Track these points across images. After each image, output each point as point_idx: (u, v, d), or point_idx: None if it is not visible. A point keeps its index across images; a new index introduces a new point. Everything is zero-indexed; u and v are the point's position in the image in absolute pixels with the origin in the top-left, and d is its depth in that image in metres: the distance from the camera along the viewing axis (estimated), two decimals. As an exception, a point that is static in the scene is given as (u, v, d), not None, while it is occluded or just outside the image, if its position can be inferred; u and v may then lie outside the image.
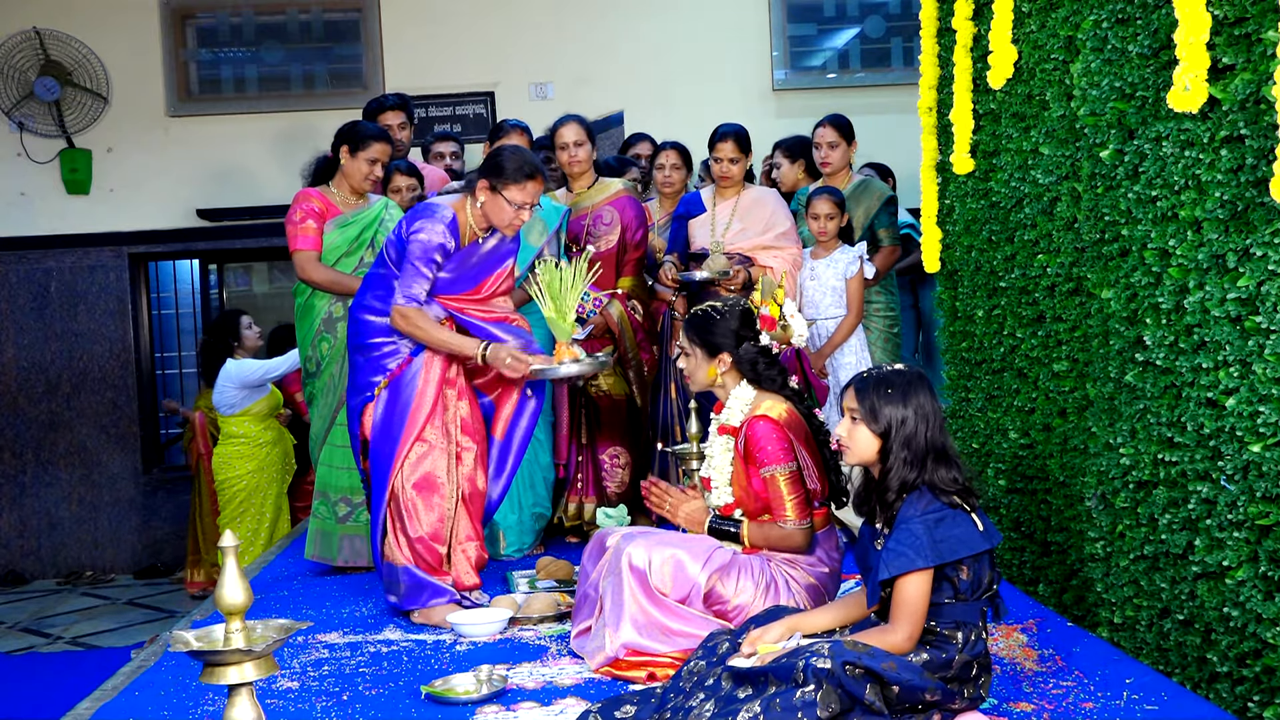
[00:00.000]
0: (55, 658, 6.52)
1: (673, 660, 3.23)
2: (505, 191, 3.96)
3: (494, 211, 4.00)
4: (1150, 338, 3.24)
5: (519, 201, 3.97)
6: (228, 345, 6.89)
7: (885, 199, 5.68)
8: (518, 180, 3.96)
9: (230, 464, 6.85)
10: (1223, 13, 2.82)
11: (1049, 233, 3.97)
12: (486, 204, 4.00)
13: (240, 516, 6.84)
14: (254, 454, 6.81)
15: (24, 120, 8.33)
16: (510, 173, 3.95)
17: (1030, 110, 4.06)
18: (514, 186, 3.96)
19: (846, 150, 5.68)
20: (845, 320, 5.36)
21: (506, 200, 3.96)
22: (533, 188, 3.99)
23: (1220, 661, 3.00)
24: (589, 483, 5.22)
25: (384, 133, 4.89)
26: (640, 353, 5.19)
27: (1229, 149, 2.86)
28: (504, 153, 4.04)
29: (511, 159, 3.98)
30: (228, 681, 2.19)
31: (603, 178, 5.30)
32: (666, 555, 3.37)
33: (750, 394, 3.54)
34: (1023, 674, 3.15)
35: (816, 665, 2.57)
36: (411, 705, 3.15)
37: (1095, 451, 3.61)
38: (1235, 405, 2.88)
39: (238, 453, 6.83)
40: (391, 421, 4.00)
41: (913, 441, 2.80)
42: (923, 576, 2.71)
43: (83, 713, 3.20)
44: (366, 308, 4.09)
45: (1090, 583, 3.71)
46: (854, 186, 5.68)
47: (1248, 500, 2.87)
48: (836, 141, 5.65)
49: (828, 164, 5.68)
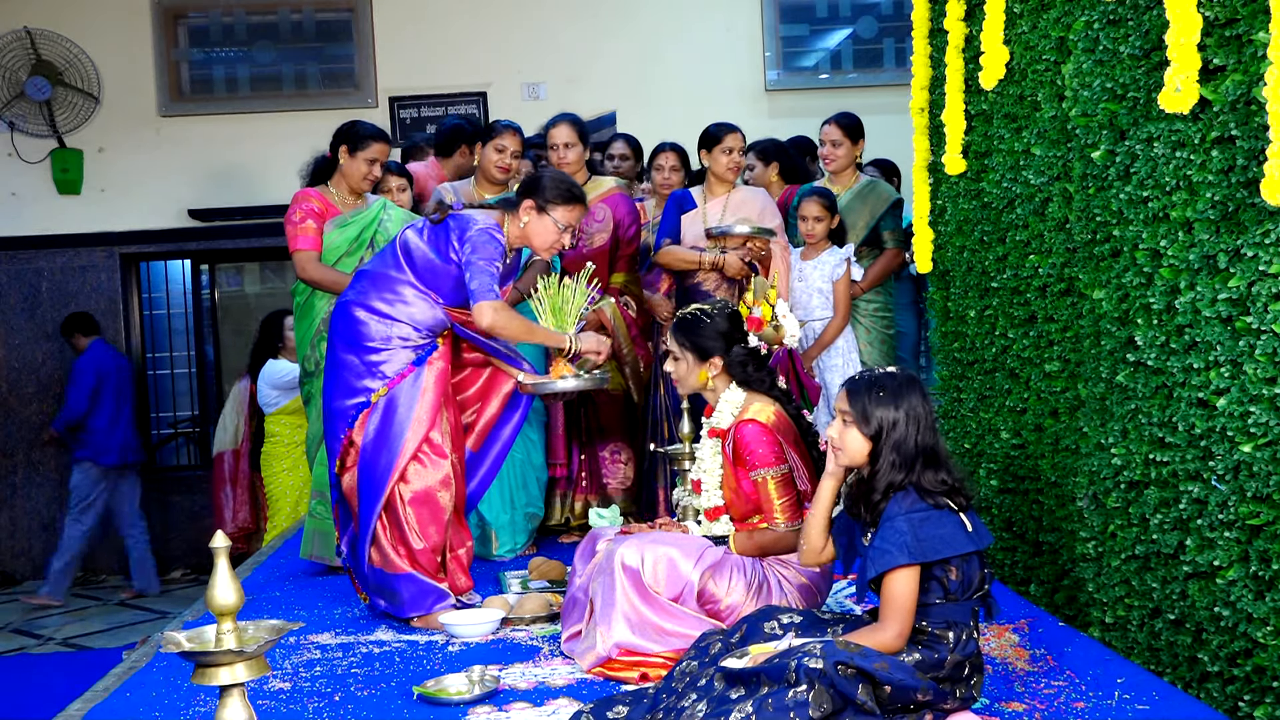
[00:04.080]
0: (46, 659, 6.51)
1: (665, 660, 3.23)
2: (554, 212, 3.94)
3: (539, 232, 3.98)
4: (1142, 338, 3.25)
5: (566, 223, 3.96)
6: (273, 345, 6.93)
7: (892, 201, 5.59)
8: (567, 201, 3.95)
9: (268, 462, 6.93)
10: (1214, 14, 2.83)
11: (1041, 233, 3.97)
12: (531, 224, 3.97)
13: (273, 516, 6.87)
14: (287, 454, 6.84)
15: (15, 120, 8.32)
16: (559, 194, 3.94)
17: (1022, 111, 4.06)
18: (563, 207, 3.94)
19: (851, 149, 5.59)
20: (832, 322, 5.35)
21: (554, 220, 3.94)
22: (578, 210, 3.99)
23: (1211, 661, 3.01)
24: (592, 480, 5.22)
25: (382, 132, 4.86)
26: (635, 349, 5.18)
27: (1220, 150, 2.87)
28: (548, 175, 4.03)
29: (555, 181, 3.98)
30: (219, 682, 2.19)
31: (595, 176, 5.30)
32: (659, 554, 3.37)
33: (740, 397, 3.53)
34: (1014, 674, 3.15)
35: (809, 665, 2.57)
36: (404, 706, 3.15)
37: (1087, 452, 3.62)
38: (1226, 405, 2.89)
39: (273, 452, 6.91)
40: (390, 431, 3.92)
41: (902, 445, 2.80)
42: (909, 574, 2.72)
43: (74, 714, 3.19)
44: (368, 307, 3.97)
45: (1082, 583, 3.72)
46: (860, 187, 5.61)
47: (1239, 500, 2.88)
48: (840, 140, 5.57)
49: (830, 161, 5.64)
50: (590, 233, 5.14)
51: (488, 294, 3.85)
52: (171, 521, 8.59)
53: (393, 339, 3.96)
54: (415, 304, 3.97)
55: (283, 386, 6.73)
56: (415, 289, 3.97)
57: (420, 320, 3.97)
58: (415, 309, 3.97)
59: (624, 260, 5.22)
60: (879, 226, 5.56)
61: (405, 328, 3.96)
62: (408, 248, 4.01)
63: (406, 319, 3.96)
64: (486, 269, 3.87)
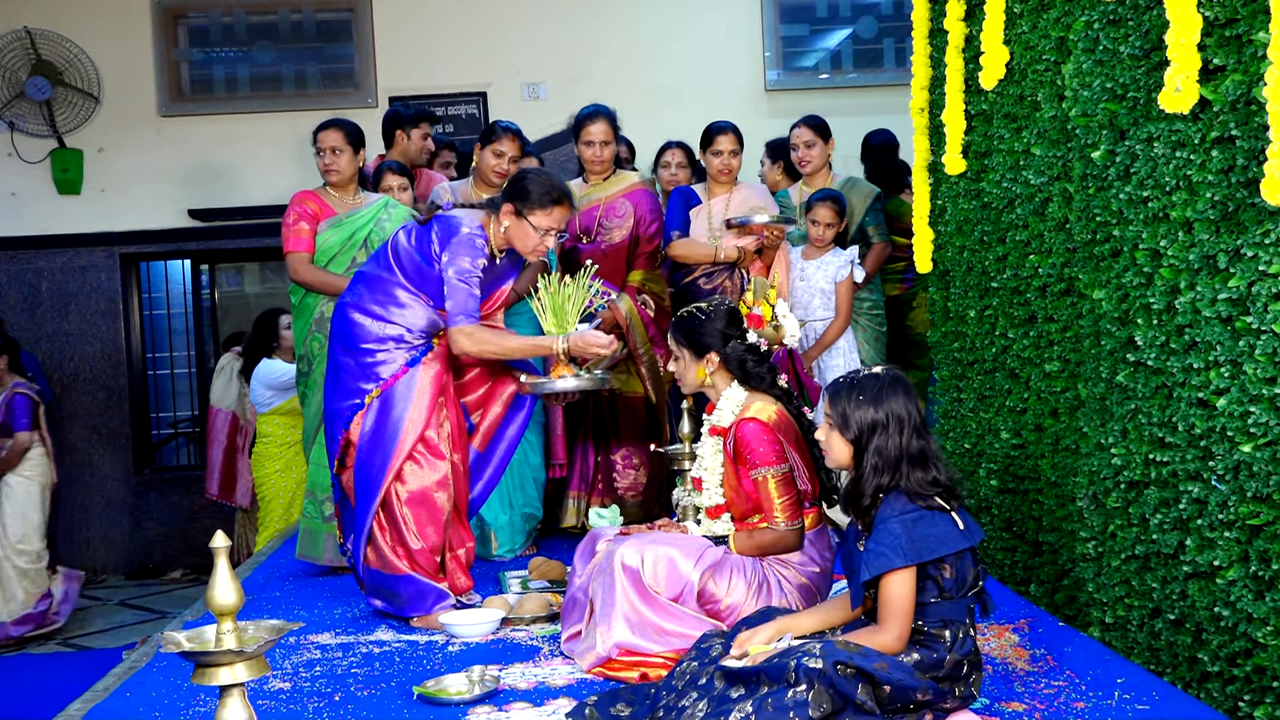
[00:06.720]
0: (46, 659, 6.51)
1: (665, 660, 3.23)
2: (531, 217, 3.91)
3: (519, 236, 3.96)
4: (1141, 338, 3.25)
5: (545, 227, 3.93)
6: (267, 345, 6.92)
7: (873, 197, 5.69)
8: (544, 206, 3.91)
9: (260, 463, 6.89)
10: (1214, 14, 2.83)
11: (1041, 233, 3.97)
12: (511, 229, 3.96)
13: (265, 519, 6.85)
14: (280, 454, 6.82)
15: (15, 120, 8.32)
16: (537, 198, 3.91)
17: (1022, 111, 4.06)
18: (540, 212, 3.91)
19: (824, 149, 5.70)
20: (834, 324, 5.37)
21: (532, 226, 3.92)
22: (559, 213, 3.95)
23: (1211, 661, 3.01)
24: (606, 484, 5.19)
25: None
26: (653, 348, 5.07)
27: (1220, 150, 2.87)
28: (530, 177, 3.99)
29: (537, 184, 3.94)
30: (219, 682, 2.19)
31: (619, 170, 5.25)
32: (659, 554, 3.37)
33: (741, 395, 3.53)
34: (1014, 674, 3.15)
35: (808, 665, 2.57)
36: (404, 706, 3.15)
37: (1087, 452, 3.62)
38: (1226, 405, 2.89)
39: (266, 452, 6.86)
40: (384, 431, 3.93)
41: (884, 449, 2.79)
42: (905, 575, 2.72)
43: (74, 714, 3.19)
44: (363, 310, 3.98)
45: (1082, 582, 3.72)
46: (840, 185, 5.69)
47: (1239, 500, 2.88)
48: (814, 140, 5.68)
49: (806, 163, 5.70)
50: (609, 227, 5.09)
51: (460, 317, 3.86)
52: (171, 521, 8.59)
53: (388, 340, 3.96)
54: (408, 306, 3.97)
55: (277, 387, 6.71)
56: (407, 291, 3.97)
57: (414, 322, 3.98)
58: (408, 310, 3.97)
59: (643, 258, 5.14)
60: (863, 223, 5.61)
61: (399, 329, 3.96)
62: (397, 250, 4.02)
63: (400, 320, 3.96)
64: (461, 286, 3.87)
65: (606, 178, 5.15)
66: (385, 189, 5.31)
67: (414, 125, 5.84)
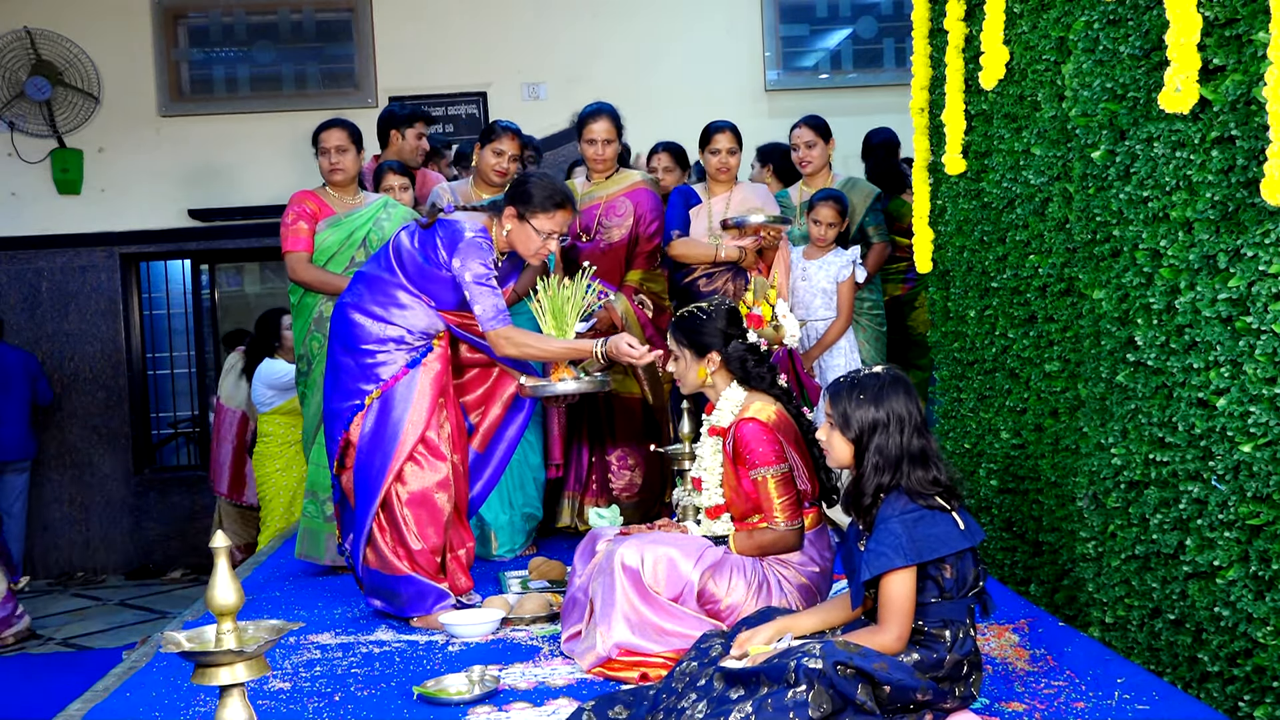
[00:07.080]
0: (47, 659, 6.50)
1: (665, 660, 3.23)
2: (533, 220, 3.91)
3: (521, 240, 3.95)
4: (1141, 338, 3.25)
5: (547, 230, 3.92)
6: (269, 344, 6.92)
7: (874, 197, 5.69)
8: (546, 209, 3.91)
9: (261, 462, 6.89)
10: (1214, 14, 2.83)
11: (1041, 233, 3.97)
12: (513, 232, 3.95)
13: (265, 518, 6.85)
14: (280, 453, 6.82)
15: (15, 120, 8.32)
16: (539, 201, 3.90)
17: (1022, 111, 4.06)
18: (542, 215, 3.91)
19: (825, 149, 5.70)
20: (835, 324, 5.37)
21: (535, 229, 3.91)
22: (561, 217, 3.94)
23: (1211, 661, 3.01)
24: (601, 484, 5.18)
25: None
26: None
27: (1220, 150, 2.87)
28: (532, 180, 3.98)
29: (540, 187, 3.93)
30: (219, 682, 2.18)
31: (622, 168, 5.25)
32: (659, 554, 3.37)
33: (740, 395, 3.53)
34: (1014, 674, 3.15)
35: (808, 665, 2.57)
36: (404, 706, 3.15)
37: (1087, 452, 3.62)
38: (1226, 405, 2.89)
39: (267, 452, 6.87)
40: (384, 432, 3.92)
41: (885, 448, 2.79)
42: (905, 575, 2.71)
43: (74, 714, 3.19)
44: (364, 310, 3.98)
45: (1082, 582, 3.72)
46: (840, 185, 5.69)
47: (1239, 500, 2.88)
48: (814, 141, 5.68)
49: (807, 164, 5.70)
50: (609, 226, 5.08)
51: (495, 320, 3.86)
52: (171, 521, 8.59)
53: (388, 342, 3.96)
54: (409, 307, 3.97)
55: (279, 386, 6.72)
56: (409, 292, 3.97)
57: (414, 323, 3.97)
58: (409, 312, 3.97)
59: (642, 257, 5.14)
60: (863, 223, 5.62)
61: (400, 330, 3.96)
62: (399, 251, 4.01)
63: (401, 322, 3.96)
64: (484, 288, 3.87)
65: (609, 176, 5.15)
66: (386, 189, 5.32)
67: (409, 125, 5.85)
